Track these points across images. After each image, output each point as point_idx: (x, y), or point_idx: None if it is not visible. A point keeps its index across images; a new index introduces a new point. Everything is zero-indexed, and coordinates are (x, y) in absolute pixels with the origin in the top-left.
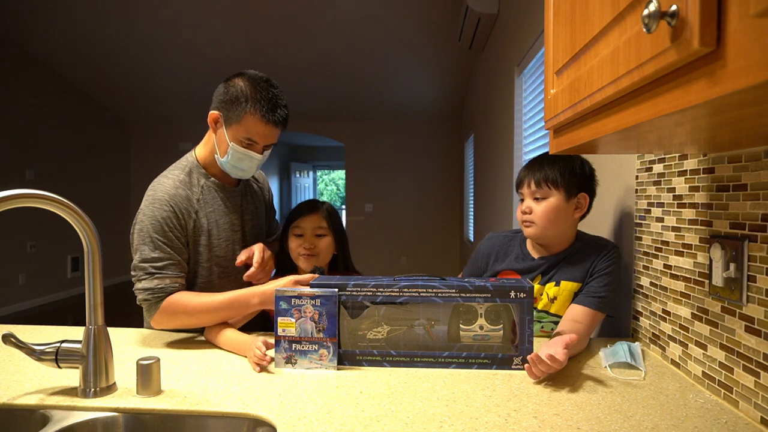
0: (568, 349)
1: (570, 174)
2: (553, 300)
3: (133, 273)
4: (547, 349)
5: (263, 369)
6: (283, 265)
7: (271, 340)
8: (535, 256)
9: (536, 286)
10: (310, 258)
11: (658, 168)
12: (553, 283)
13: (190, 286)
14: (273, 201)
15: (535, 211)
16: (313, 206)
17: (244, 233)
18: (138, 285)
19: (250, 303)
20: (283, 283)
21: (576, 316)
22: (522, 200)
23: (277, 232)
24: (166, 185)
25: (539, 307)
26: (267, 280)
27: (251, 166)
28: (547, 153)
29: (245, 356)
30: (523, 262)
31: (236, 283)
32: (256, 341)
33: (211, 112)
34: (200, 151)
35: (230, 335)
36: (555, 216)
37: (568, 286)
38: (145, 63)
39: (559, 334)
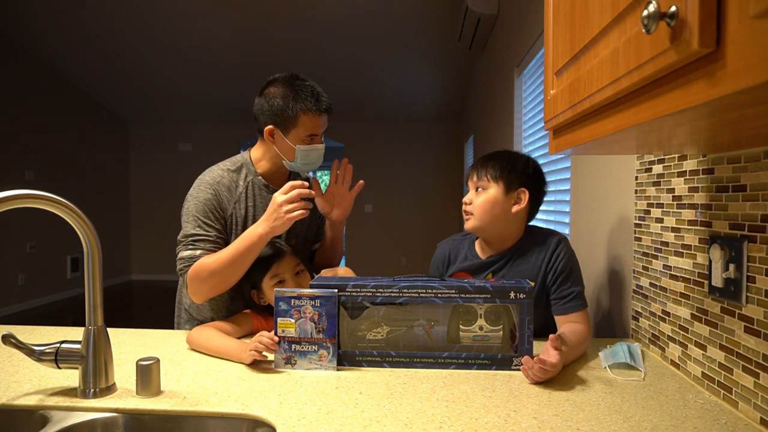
0: (559, 349)
1: (511, 169)
2: None
3: (177, 247)
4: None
5: (257, 360)
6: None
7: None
8: (483, 256)
9: None
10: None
11: (657, 168)
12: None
13: None
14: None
15: (474, 202)
16: (278, 251)
17: (280, 235)
18: (178, 256)
19: (256, 233)
20: (285, 190)
21: (568, 326)
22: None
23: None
24: (215, 172)
25: None
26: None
27: (319, 156)
28: (498, 150)
29: (239, 362)
30: (472, 262)
31: None
32: (257, 337)
33: (265, 127)
34: (255, 152)
35: (224, 341)
36: (491, 208)
37: None
38: (145, 63)
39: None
